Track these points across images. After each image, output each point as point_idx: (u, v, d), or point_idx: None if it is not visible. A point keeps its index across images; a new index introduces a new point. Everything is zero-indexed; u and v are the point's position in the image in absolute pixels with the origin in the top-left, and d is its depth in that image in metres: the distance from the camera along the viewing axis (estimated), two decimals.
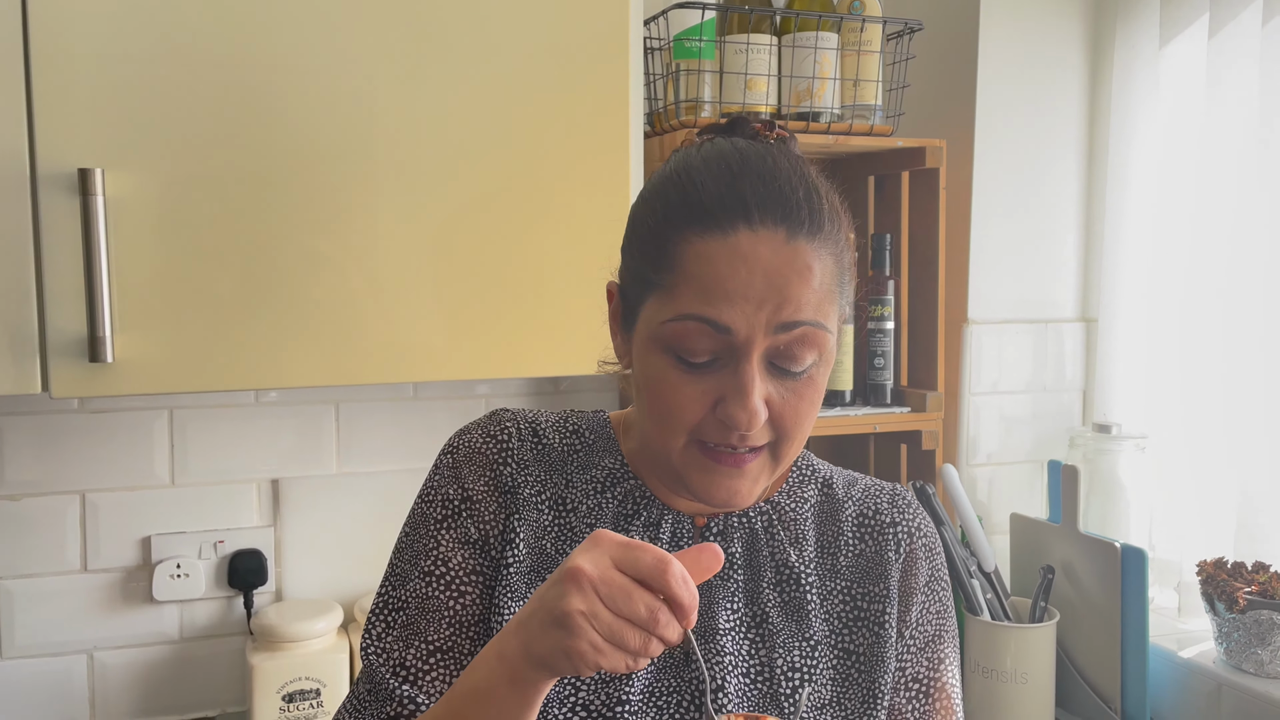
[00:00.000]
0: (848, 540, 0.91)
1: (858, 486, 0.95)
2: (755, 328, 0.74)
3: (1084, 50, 1.73)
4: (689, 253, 0.76)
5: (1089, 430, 1.70)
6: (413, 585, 0.86)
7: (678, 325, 0.76)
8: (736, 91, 1.52)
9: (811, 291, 0.75)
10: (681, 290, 0.76)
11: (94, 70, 1.13)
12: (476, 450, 0.88)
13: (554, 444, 0.90)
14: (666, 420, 0.78)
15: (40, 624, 1.49)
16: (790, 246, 0.75)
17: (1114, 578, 1.49)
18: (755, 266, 0.74)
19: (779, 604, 0.87)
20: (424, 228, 1.27)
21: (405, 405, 1.63)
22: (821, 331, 0.76)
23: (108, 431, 1.50)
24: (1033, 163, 1.73)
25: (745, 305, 0.74)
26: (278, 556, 1.58)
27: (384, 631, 0.85)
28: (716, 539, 0.88)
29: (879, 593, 0.89)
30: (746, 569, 0.88)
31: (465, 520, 0.86)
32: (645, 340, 0.79)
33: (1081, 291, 1.79)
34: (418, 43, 1.24)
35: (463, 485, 0.87)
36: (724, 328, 0.75)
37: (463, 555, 0.86)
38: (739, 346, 0.75)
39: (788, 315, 0.75)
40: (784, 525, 0.90)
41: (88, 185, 1.12)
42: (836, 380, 1.63)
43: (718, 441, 0.78)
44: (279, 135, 1.20)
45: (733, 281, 0.74)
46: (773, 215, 0.75)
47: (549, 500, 0.87)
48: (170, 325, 1.18)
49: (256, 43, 1.18)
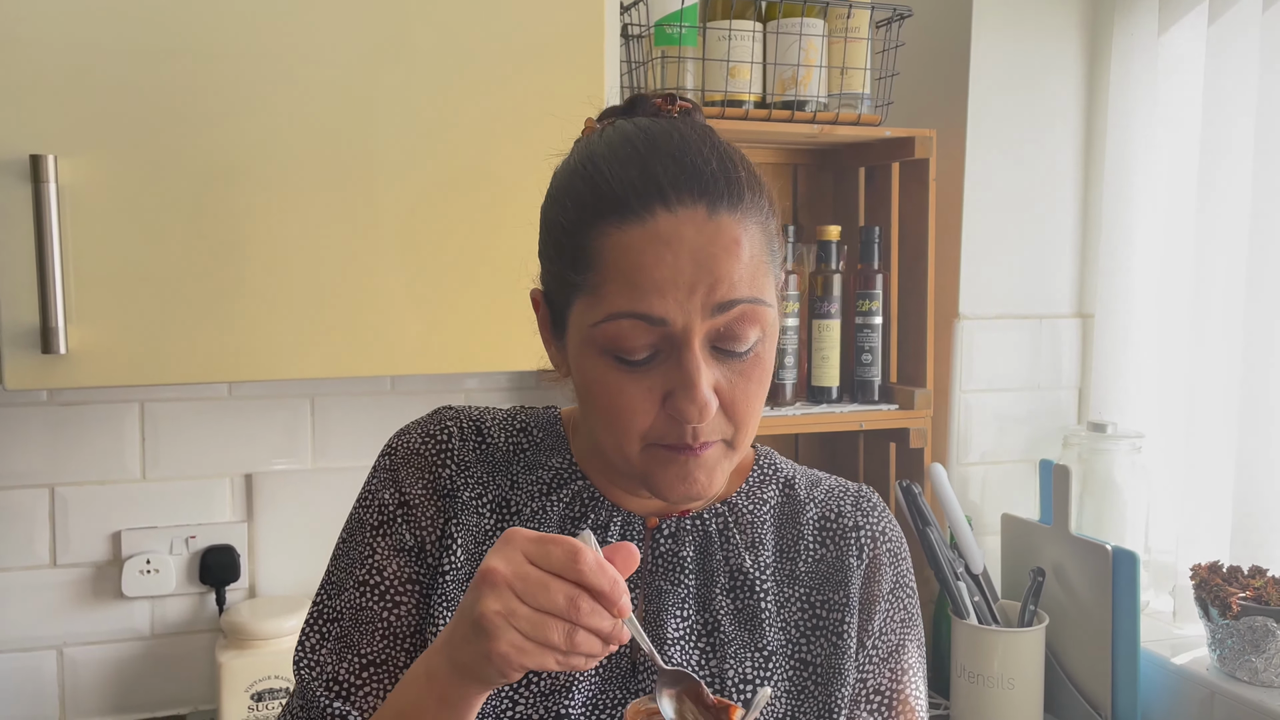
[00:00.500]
0: (808, 544, 0.87)
1: (821, 487, 0.90)
2: (691, 314, 0.71)
3: (1081, 37, 1.68)
4: (608, 246, 0.72)
5: (1084, 429, 1.65)
6: (347, 595, 0.82)
7: (610, 326, 0.72)
8: (719, 79, 1.48)
9: (742, 266, 0.72)
10: (607, 288, 0.72)
11: (48, 56, 1.10)
12: (414, 451, 0.84)
13: (498, 443, 0.86)
14: (617, 426, 0.74)
15: (9, 619, 1.46)
16: (713, 222, 0.71)
17: (1105, 581, 1.44)
18: (680, 250, 0.70)
19: (732, 611, 0.83)
20: (396, 218, 1.24)
21: (383, 399, 1.60)
22: (761, 307, 0.73)
23: (78, 424, 1.47)
24: (1027, 153, 1.68)
25: (676, 293, 0.70)
26: (251, 553, 1.56)
27: (318, 644, 0.82)
28: (668, 541, 0.84)
29: (838, 601, 0.85)
30: (698, 574, 0.84)
31: (400, 526, 0.83)
32: (580, 345, 0.75)
33: (1078, 286, 1.74)
34: (384, 31, 1.21)
35: (399, 489, 0.83)
36: (658, 320, 0.71)
37: (398, 564, 0.82)
38: (678, 336, 0.72)
39: (723, 295, 0.71)
40: (740, 528, 0.86)
41: (40, 172, 1.09)
42: (823, 376, 1.59)
43: (673, 442, 0.74)
44: (243, 122, 1.17)
45: (659, 270, 0.70)
46: (690, 192, 0.71)
47: (491, 503, 0.84)
48: (128, 316, 1.16)
49: (216, 28, 1.15)
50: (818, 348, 1.59)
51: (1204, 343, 1.52)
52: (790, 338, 1.57)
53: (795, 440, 1.80)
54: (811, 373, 1.60)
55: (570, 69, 1.28)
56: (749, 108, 1.49)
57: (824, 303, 1.58)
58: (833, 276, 1.58)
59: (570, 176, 0.76)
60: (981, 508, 1.72)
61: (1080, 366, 1.75)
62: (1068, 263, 1.73)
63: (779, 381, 1.57)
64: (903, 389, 1.60)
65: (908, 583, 0.89)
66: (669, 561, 0.83)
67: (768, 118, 1.49)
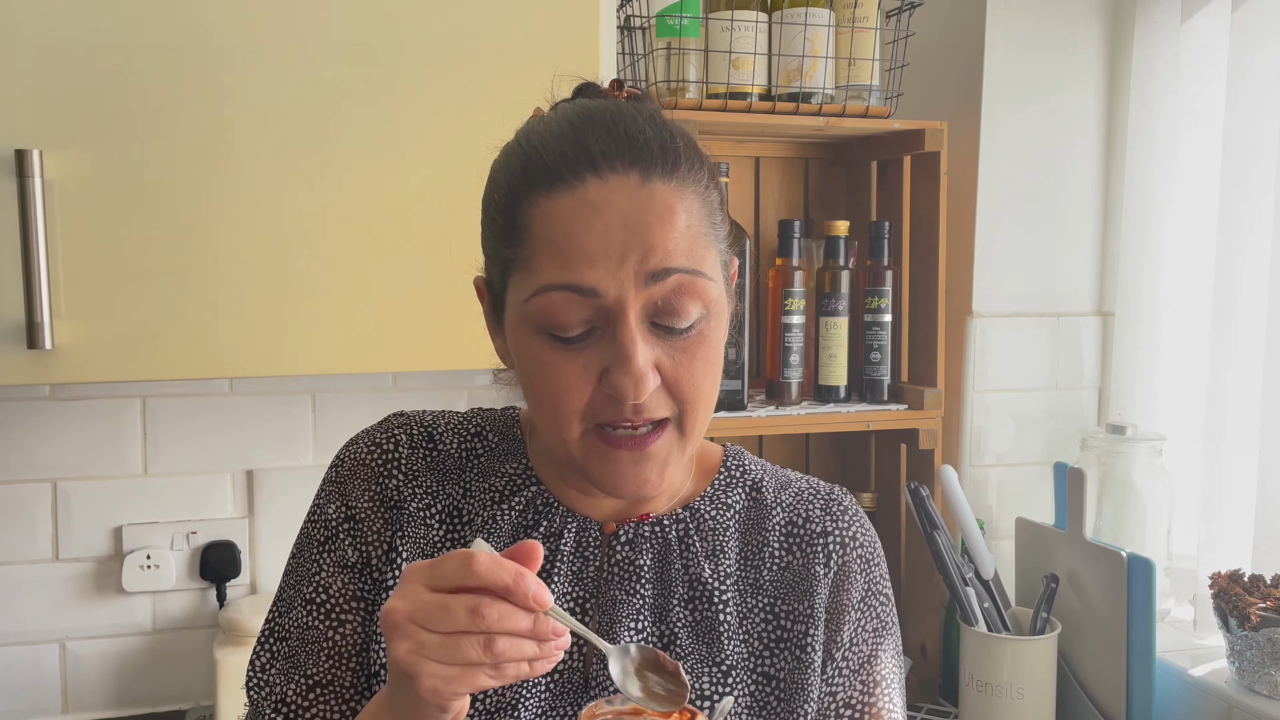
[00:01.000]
0: (773, 552, 0.83)
1: (789, 490, 0.86)
2: (624, 284, 0.68)
3: (1100, 25, 1.63)
4: (537, 216, 0.69)
5: (1103, 431, 1.60)
6: (295, 614, 0.81)
7: (541, 300, 0.69)
8: (722, 71, 1.45)
9: (678, 235, 0.69)
10: (537, 260, 0.69)
11: (32, 51, 1.10)
12: (361, 462, 0.82)
13: (450, 449, 0.83)
14: (554, 408, 0.71)
15: (12, 612, 1.47)
16: (646, 189, 0.68)
17: (1120, 589, 1.39)
18: (611, 217, 0.68)
19: (689, 624, 0.79)
20: (396, 213, 1.22)
21: (384, 396, 1.59)
22: (699, 279, 0.70)
23: (80, 419, 1.48)
24: (1044, 145, 1.63)
25: (607, 262, 0.67)
26: (252, 549, 1.55)
27: (268, 663, 0.81)
28: (624, 549, 0.80)
29: (802, 611, 0.81)
30: (655, 583, 0.80)
31: (344, 542, 0.80)
32: (515, 326, 0.72)
33: (1098, 283, 1.69)
34: (373, 24, 1.19)
35: (345, 502, 0.81)
36: (589, 290, 0.68)
37: (342, 581, 0.80)
38: (611, 309, 0.68)
39: (656, 263, 0.68)
40: (701, 535, 0.82)
41: (24, 167, 1.09)
42: (830, 375, 1.55)
43: (612, 419, 0.70)
44: (234, 115, 1.16)
45: (588, 238, 0.67)
46: (621, 160, 0.69)
47: (441, 513, 0.81)
48: (117, 311, 1.15)
49: (204, 21, 1.15)
50: (825, 346, 1.55)
51: (1228, 343, 1.46)
52: (796, 335, 1.53)
53: (805, 440, 1.76)
54: (819, 371, 1.56)
55: (566, 62, 1.26)
56: (753, 100, 1.46)
57: (832, 300, 1.54)
58: (840, 273, 1.54)
59: (506, 155, 0.75)
60: (997, 511, 1.68)
61: (1100, 366, 1.69)
62: (1087, 259, 1.67)
63: (784, 380, 1.54)
64: (913, 388, 1.56)
65: (881, 590, 0.85)
66: (625, 570, 0.80)
67: (772, 110, 1.46)
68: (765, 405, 1.53)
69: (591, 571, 0.80)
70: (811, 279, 1.57)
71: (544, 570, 0.78)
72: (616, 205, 0.68)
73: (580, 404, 0.70)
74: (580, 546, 0.80)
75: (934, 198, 1.55)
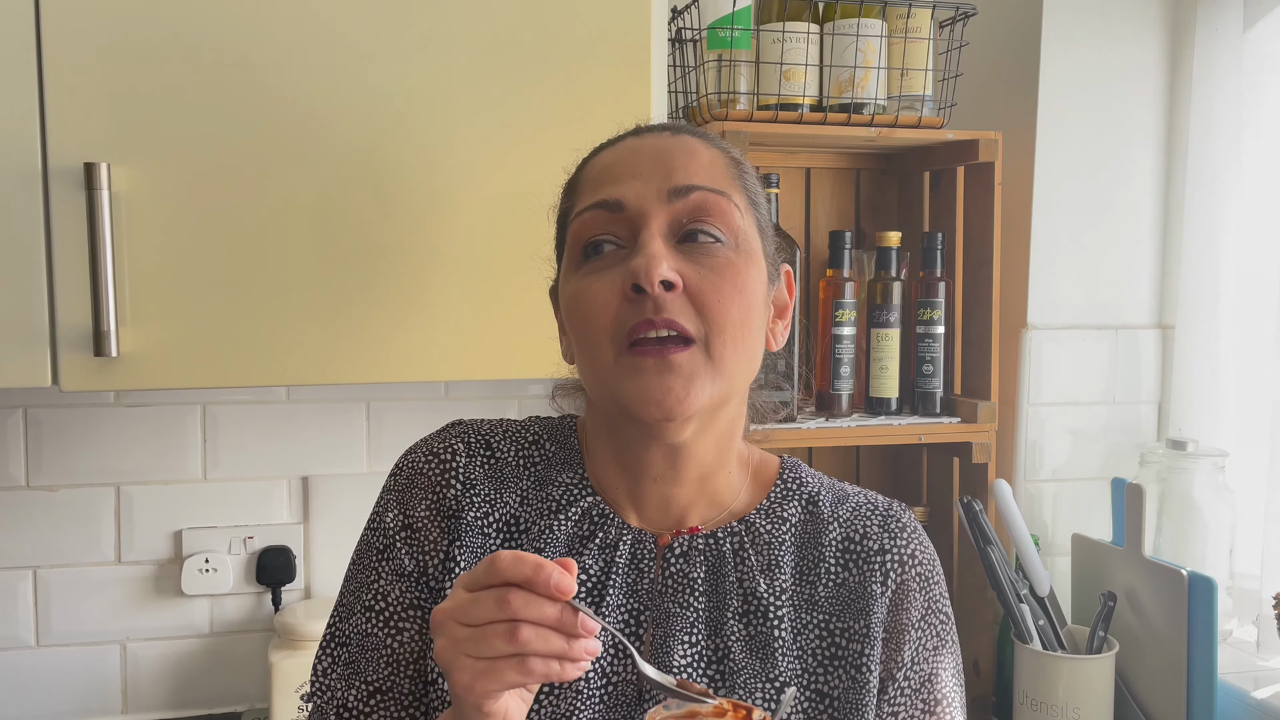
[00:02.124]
0: (829, 568, 0.82)
1: (847, 505, 0.85)
2: (646, 199, 0.75)
3: (1160, 33, 1.60)
4: (587, 170, 0.82)
5: (1163, 446, 1.57)
6: (355, 620, 0.82)
7: (576, 224, 0.78)
8: (773, 83, 1.45)
9: (700, 165, 0.77)
10: (579, 199, 0.80)
11: (100, 65, 1.13)
12: (419, 471, 0.84)
13: (508, 458, 0.84)
14: (589, 333, 0.75)
15: (77, 613, 1.51)
16: (675, 138, 0.80)
17: (1180, 608, 1.36)
18: (641, 152, 0.78)
19: (744, 638, 0.79)
20: (453, 222, 1.23)
21: (436, 404, 1.61)
22: (722, 198, 0.76)
23: (142, 425, 1.52)
24: (1102, 156, 1.61)
25: (634, 181, 0.76)
26: (307, 554, 1.58)
27: (329, 668, 0.82)
28: (679, 561, 0.80)
29: (858, 630, 0.80)
30: (710, 596, 0.80)
31: (400, 551, 0.82)
32: (564, 277, 0.80)
33: (1157, 295, 1.65)
34: (428, 38, 1.21)
35: (404, 511, 0.82)
36: (614, 203, 0.76)
37: (400, 589, 0.81)
38: (635, 221, 0.75)
39: (679, 180, 0.76)
40: (756, 549, 0.81)
41: (93, 180, 1.12)
42: (881, 387, 1.54)
43: (635, 322, 0.73)
44: (293, 127, 1.19)
45: (619, 167, 0.78)
46: (660, 128, 0.82)
47: (498, 522, 0.82)
48: (180, 320, 1.18)
49: (265, 37, 1.17)
50: (876, 357, 1.54)
51: None
52: (846, 347, 1.52)
53: (855, 453, 1.75)
54: (869, 383, 1.55)
55: (618, 75, 1.27)
56: (804, 111, 1.45)
57: (883, 311, 1.53)
58: (892, 284, 1.53)
59: None
60: (1052, 527, 1.65)
61: (1160, 380, 1.66)
62: (1146, 271, 1.64)
63: (835, 392, 1.53)
64: (965, 401, 1.54)
65: (940, 608, 0.84)
66: (679, 582, 0.80)
67: (823, 121, 1.46)
68: (815, 417, 1.52)
69: (646, 584, 0.80)
70: (863, 290, 1.56)
71: (599, 582, 0.79)
72: (646, 145, 0.79)
73: (609, 319, 0.74)
74: (635, 559, 0.80)
75: (988, 208, 1.53)
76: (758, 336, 0.78)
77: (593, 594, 0.79)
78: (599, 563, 0.80)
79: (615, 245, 0.76)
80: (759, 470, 0.86)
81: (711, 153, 0.79)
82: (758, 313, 0.77)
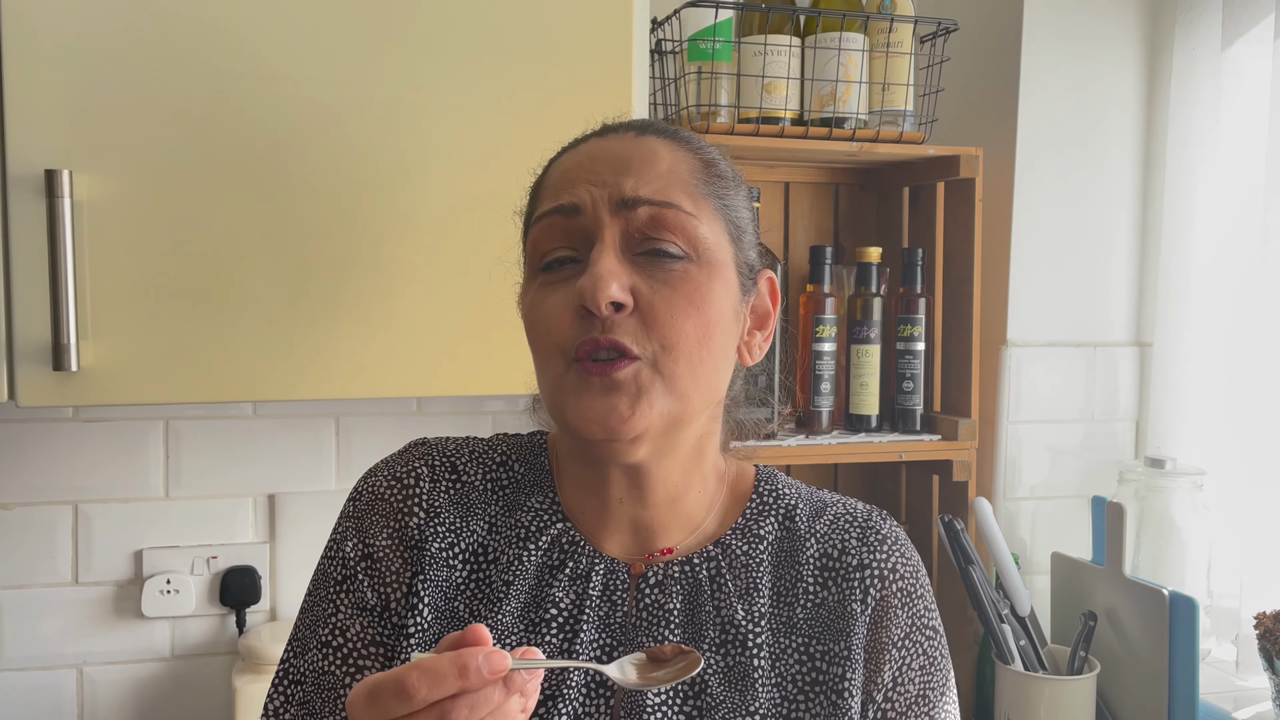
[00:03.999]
0: (807, 587, 0.78)
1: (824, 518, 0.81)
2: (600, 205, 0.72)
3: (1138, 51, 1.60)
4: (549, 173, 0.78)
5: (1141, 464, 1.56)
6: (311, 657, 0.77)
7: (534, 231, 0.75)
8: (754, 96, 1.43)
9: (657, 174, 0.73)
10: (539, 204, 0.77)
11: (62, 70, 1.09)
12: (380, 497, 0.79)
13: (475, 481, 0.80)
14: (542, 346, 0.73)
15: (31, 636, 1.46)
16: (639, 140, 0.76)
17: (1161, 628, 1.35)
18: (599, 156, 0.75)
19: (721, 670, 0.75)
20: (421, 236, 1.20)
21: (408, 420, 1.57)
22: (679, 214, 0.73)
23: (102, 441, 1.46)
24: (1081, 172, 1.61)
25: (590, 186, 0.73)
26: (272, 575, 1.53)
27: (281, 707, 0.77)
28: (654, 591, 0.77)
29: (838, 653, 0.76)
30: (685, 628, 0.76)
31: (362, 583, 0.77)
32: (524, 286, 0.78)
33: (1135, 313, 1.65)
34: (402, 43, 1.18)
35: (364, 539, 0.78)
36: (570, 207, 0.73)
37: (360, 624, 0.77)
38: (589, 231, 0.72)
39: (630, 190, 0.72)
40: (734, 573, 0.78)
41: (54, 187, 1.08)
42: (861, 404, 1.52)
43: (582, 340, 0.70)
44: (262, 136, 1.15)
45: (576, 171, 0.75)
46: (627, 127, 0.77)
47: (464, 552, 0.77)
48: (143, 334, 1.14)
49: (233, 42, 1.14)
50: (856, 374, 1.52)
51: (1270, 374, 1.42)
52: (827, 363, 1.51)
53: (834, 470, 1.73)
54: (850, 400, 1.54)
55: (598, 85, 1.24)
56: (785, 125, 1.44)
57: (863, 327, 1.51)
58: (872, 300, 1.52)
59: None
60: (1030, 546, 1.64)
61: (1137, 398, 1.66)
62: (1124, 288, 1.64)
63: (815, 409, 1.51)
64: (946, 419, 1.53)
65: (927, 624, 0.80)
66: (653, 614, 0.76)
67: (805, 135, 1.44)
68: (795, 434, 1.50)
69: (619, 617, 0.76)
70: (843, 306, 1.54)
71: (572, 616, 0.76)
72: (607, 148, 0.75)
73: (560, 335, 0.71)
74: (608, 589, 0.77)
75: (968, 224, 1.52)
76: (721, 353, 0.74)
77: (565, 629, 0.75)
78: (570, 595, 0.76)
79: (572, 259, 0.73)
80: (735, 483, 0.83)
81: (675, 156, 0.75)
82: (721, 327, 0.73)
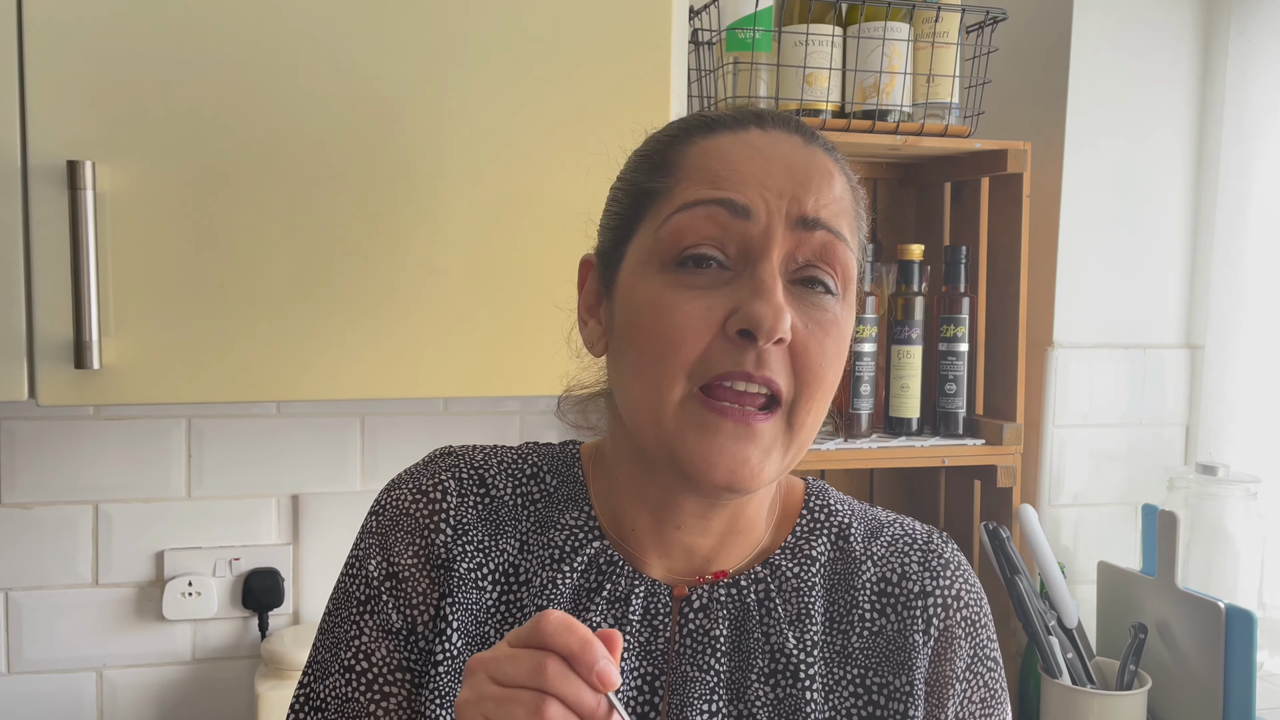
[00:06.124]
0: (863, 614, 0.73)
1: (881, 539, 0.76)
2: (775, 216, 0.64)
3: (1192, 43, 1.55)
4: (694, 151, 0.67)
5: (1192, 471, 1.51)
6: (332, 681, 0.72)
7: (682, 216, 0.65)
8: (795, 87, 1.39)
9: (833, 197, 0.66)
10: (685, 185, 0.66)
11: (86, 60, 1.06)
12: (404, 512, 0.74)
13: (504, 496, 0.75)
14: (662, 358, 0.63)
15: (51, 638, 1.43)
16: (808, 149, 0.68)
17: (1216, 641, 1.30)
18: (773, 157, 0.66)
19: (770, 702, 0.70)
20: (451, 235, 1.16)
21: (434, 420, 1.54)
22: (845, 248, 0.66)
23: (123, 439, 1.43)
24: (1132, 169, 1.55)
25: (765, 191, 0.64)
26: (296, 577, 1.50)
27: None
28: (698, 616, 0.72)
29: (899, 687, 0.72)
30: (732, 656, 0.71)
31: (387, 605, 0.72)
32: (635, 269, 0.67)
33: (1186, 314, 1.60)
34: (433, 38, 1.14)
35: (388, 557, 0.73)
36: (742, 207, 0.64)
37: (386, 648, 0.72)
38: (755, 241, 0.64)
39: (811, 209, 0.65)
40: (784, 597, 0.72)
41: (76, 179, 1.04)
42: (902, 407, 1.47)
43: (727, 371, 0.63)
44: (290, 132, 1.11)
45: (747, 165, 0.65)
46: (785, 125, 0.69)
47: (494, 573, 0.73)
48: (167, 331, 1.10)
49: (260, 33, 1.10)
50: (896, 375, 1.47)
51: None
52: (867, 364, 1.46)
53: (870, 476, 1.68)
54: (890, 402, 1.49)
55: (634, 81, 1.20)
56: (826, 117, 1.39)
57: (904, 327, 1.47)
58: (914, 299, 1.47)
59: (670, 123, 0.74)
60: (1074, 554, 1.59)
61: (1187, 402, 1.60)
62: (1175, 289, 1.59)
63: (854, 411, 1.46)
64: (990, 422, 1.48)
65: (988, 654, 0.76)
66: (698, 641, 0.71)
67: (847, 128, 1.39)
68: (833, 437, 1.45)
69: (661, 644, 0.71)
70: (883, 305, 1.49)
71: None
72: (779, 150, 0.67)
73: (694, 353, 0.63)
74: (648, 614, 0.72)
75: (1014, 222, 1.47)
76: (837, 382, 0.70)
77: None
78: (608, 620, 0.71)
79: (719, 262, 0.64)
80: (785, 496, 0.79)
81: (842, 179, 0.68)
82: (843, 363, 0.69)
